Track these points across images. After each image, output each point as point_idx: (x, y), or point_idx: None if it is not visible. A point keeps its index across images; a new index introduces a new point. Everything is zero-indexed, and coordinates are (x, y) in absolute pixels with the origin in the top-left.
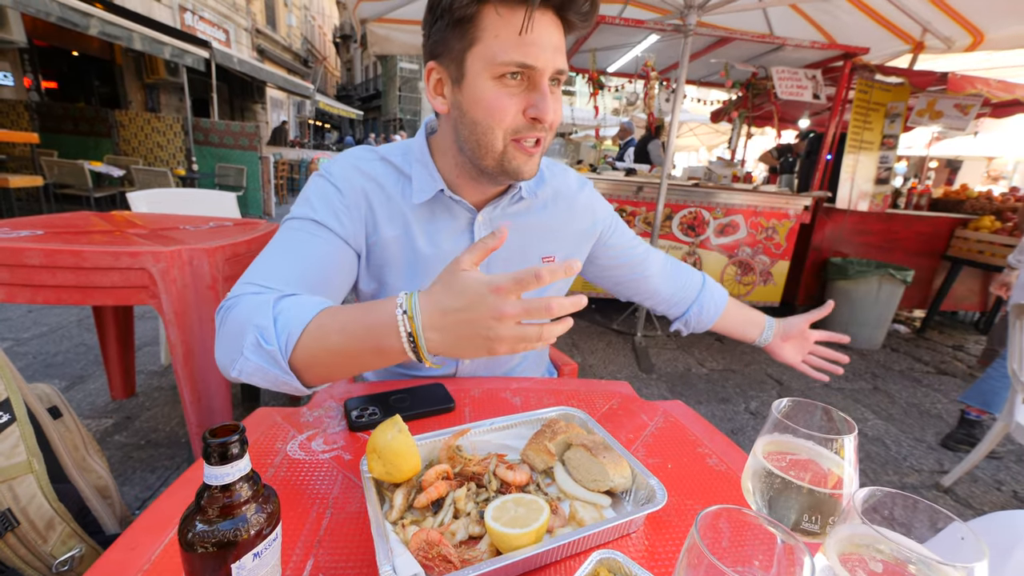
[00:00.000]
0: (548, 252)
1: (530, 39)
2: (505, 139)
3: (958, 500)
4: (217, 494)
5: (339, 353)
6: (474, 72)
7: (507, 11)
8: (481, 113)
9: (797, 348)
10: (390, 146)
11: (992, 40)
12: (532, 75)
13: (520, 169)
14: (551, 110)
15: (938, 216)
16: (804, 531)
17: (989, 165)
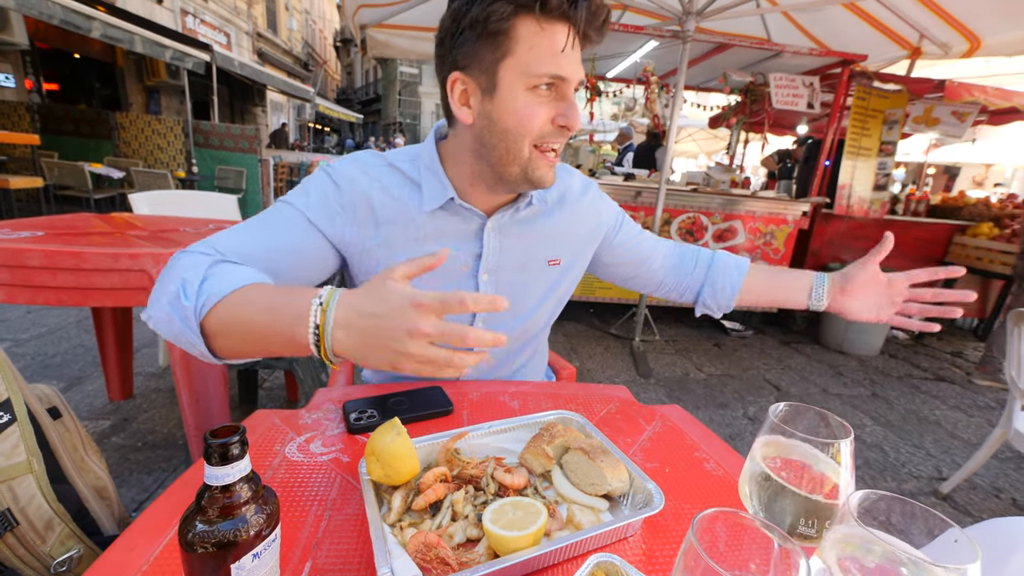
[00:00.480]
0: (553, 255)
1: (563, 51)
2: (530, 147)
3: (956, 507)
4: (217, 494)
5: (250, 329)
6: (507, 83)
7: (548, 24)
8: (513, 122)
9: (877, 301)
10: (397, 152)
11: (989, 46)
12: (562, 85)
13: (543, 178)
14: (581, 119)
15: (936, 222)
16: (800, 535)
17: (986, 173)
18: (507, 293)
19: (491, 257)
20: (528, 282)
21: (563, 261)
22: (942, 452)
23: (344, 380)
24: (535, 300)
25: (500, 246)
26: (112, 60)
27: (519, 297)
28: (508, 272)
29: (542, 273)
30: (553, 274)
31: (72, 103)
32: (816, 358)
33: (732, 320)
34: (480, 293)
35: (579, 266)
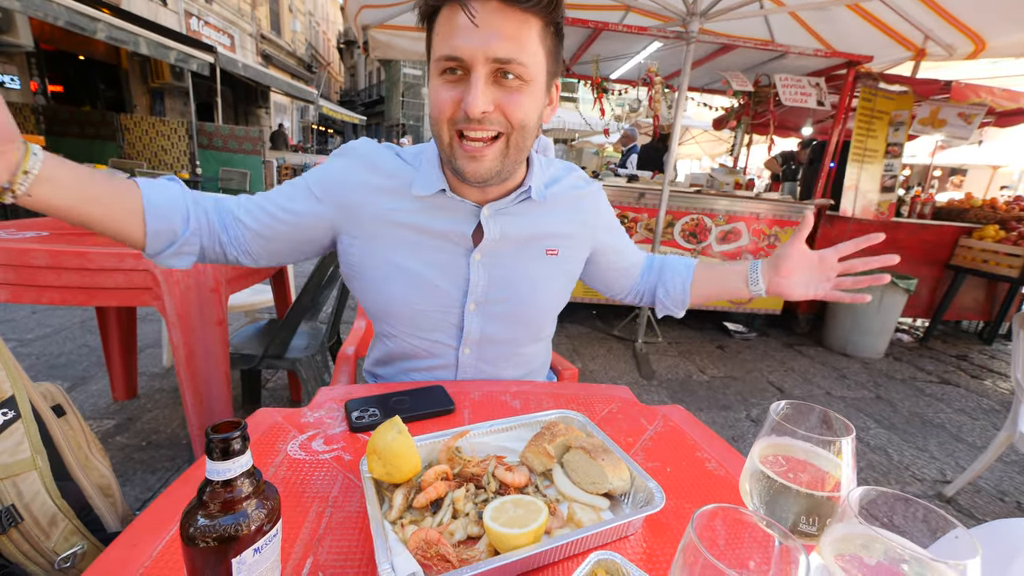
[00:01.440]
0: (552, 246)
1: (458, 31)
2: (450, 132)
3: (961, 510)
4: (219, 489)
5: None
6: (431, 73)
7: (445, 11)
8: (430, 108)
9: (811, 278)
10: (407, 147)
11: (994, 47)
12: (465, 67)
13: (464, 168)
14: (476, 100)
15: (942, 225)
16: (801, 533)
17: (994, 174)
18: (501, 275)
19: (491, 238)
20: (525, 266)
21: (560, 253)
22: (946, 455)
23: (346, 379)
24: (531, 285)
25: (501, 232)
26: (116, 62)
27: (514, 280)
28: (503, 255)
29: (539, 260)
30: (550, 264)
31: (77, 105)
32: (819, 360)
33: (735, 322)
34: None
35: (576, 261)
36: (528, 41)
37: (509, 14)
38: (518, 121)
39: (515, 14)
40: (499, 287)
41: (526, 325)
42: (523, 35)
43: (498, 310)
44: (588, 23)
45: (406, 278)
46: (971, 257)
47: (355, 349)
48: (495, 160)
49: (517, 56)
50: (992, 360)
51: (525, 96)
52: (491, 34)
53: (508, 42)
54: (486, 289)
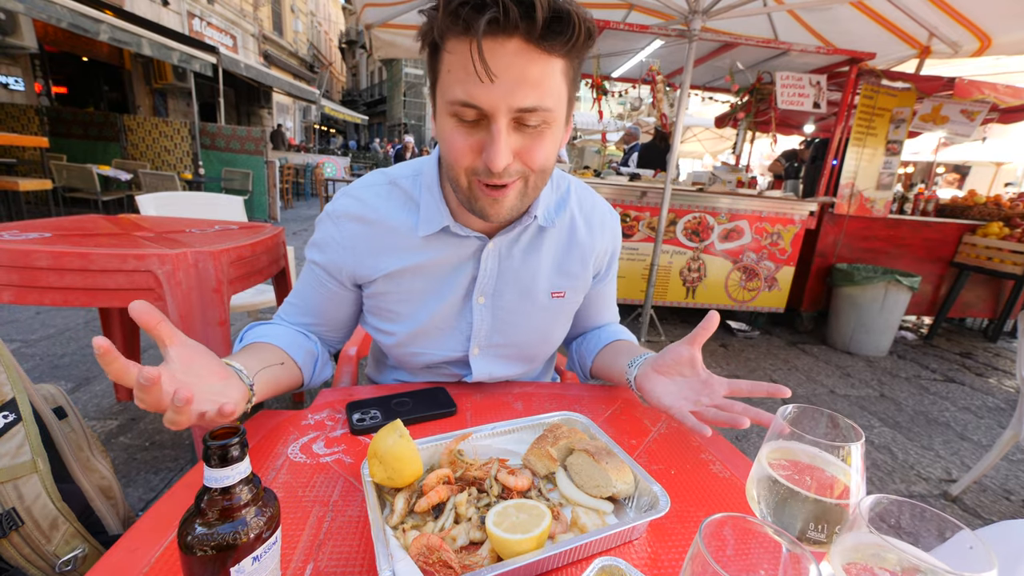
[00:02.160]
0: (558, 287)
1: (475, 75)
2: (468, 177)
3: (966, 509)
4: (217, 497)
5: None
6: (439, 107)
7: (455, 43)
8: (444, 151)
9: (680, 390)
10: (402, 168)
11: (1000, 44)
12: (483, 114)
13: (485, 210)
14: (499, 156)
15: (945, 222)
16: (810, 540)
17: (997, 171)
18: (504, 320)
19: (486, 280)
20: (529, 312)
21: (567, 295)
22: (951, 454)
23: (348, 380)
24: (535, 331)
25: (498, 269)
26: (120, 63)
27: (517, 326)
28: (507, 298)
29: (545, 305)
30: (555, 307)
31: (80, 106)
32: (823, 359)
33: (739, 321)
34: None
35: (578, 301)
36: (552, 83)
37: (535, 56)
38: (539, 166)
39: (541, 56)
40: (503, 332)
41: (532, 362)
42: (549, 78)
43: (503, 352)
44: None
45: (409, 325)
46: (975, 254)
47: (357, 350)
48: (516, 199)
49: (542, 103)
50: (997, 358)
51: (547, 140)
52: (514, 82)
53: (534, 90)
54: (489, 334)
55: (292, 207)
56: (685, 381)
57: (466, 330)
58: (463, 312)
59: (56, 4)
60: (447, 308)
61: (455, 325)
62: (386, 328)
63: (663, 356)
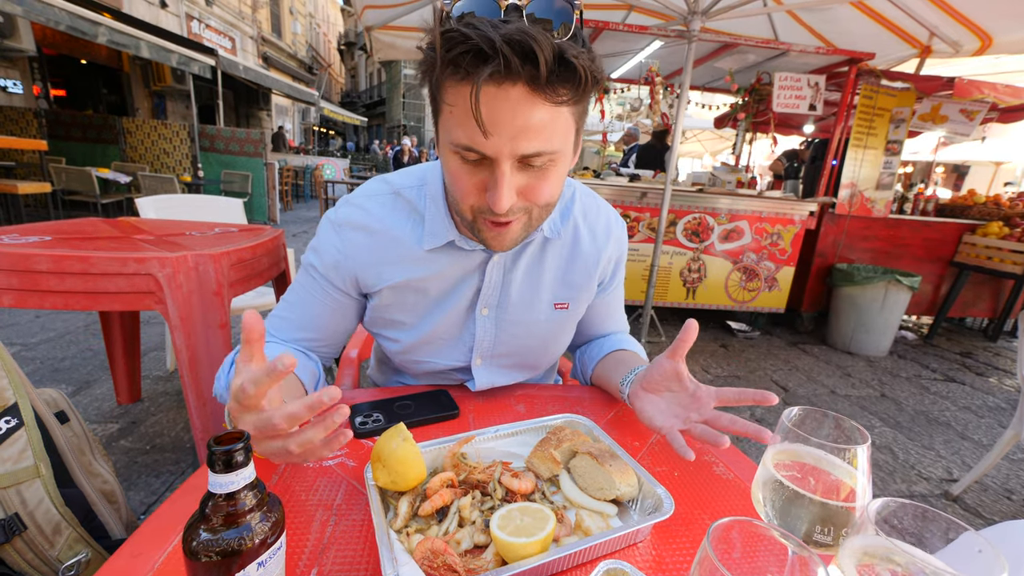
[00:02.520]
0: (562, 298)
1: (480, 119)
2: (473, 213)
3: (967, 509)
4: (221, 502)
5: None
6: (441, 139)
7: (456, 86)
8: (448, 182)
9: (669, 407)
10: (405, 176)
11: (1001, 44)
12: (488, 157)
13: (489, 242)
14: (502, 199)
15: (945, 222)
16: (816, 543)
17: (996, 171)
18: (508, 332)
19: (490, 292)
20: (532, 322)
21: (570, 307)
22: (952, 453)
23: (350, 383)
24: (538, 342)
25: (502, 281)
26: (118, 66)
27: (520, 336)
28: (511, 309)
29: (548, 316)
30: (557, 319)
31: (79, 109)
32: (824, 359)
33: (739, 321)
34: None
35: (581, 311)
36: (559, 126)
37: (538, 103)
38: (543, 202)
39: (544, 103)
40: (506, 343)
41: (534, 370)
42: (553, 123)
43: (506, 362)
44: (589, 23)
45: (413, 335)
46: (975, 254)
47: (358, 352)
48: (520, 232)
49: (547, 148)
50: (997, 357)
51: (552, 176)
52: (518, 129)
53: (536, 136)
54: (492, 345)
55: (292, 209)
56: (674, 396)
57: (469, 341)
58: (466, 323)
59: (54, 6)
60: (450, 319)
61: (458, 336)
62: (389, 336)
63: (649, 372)
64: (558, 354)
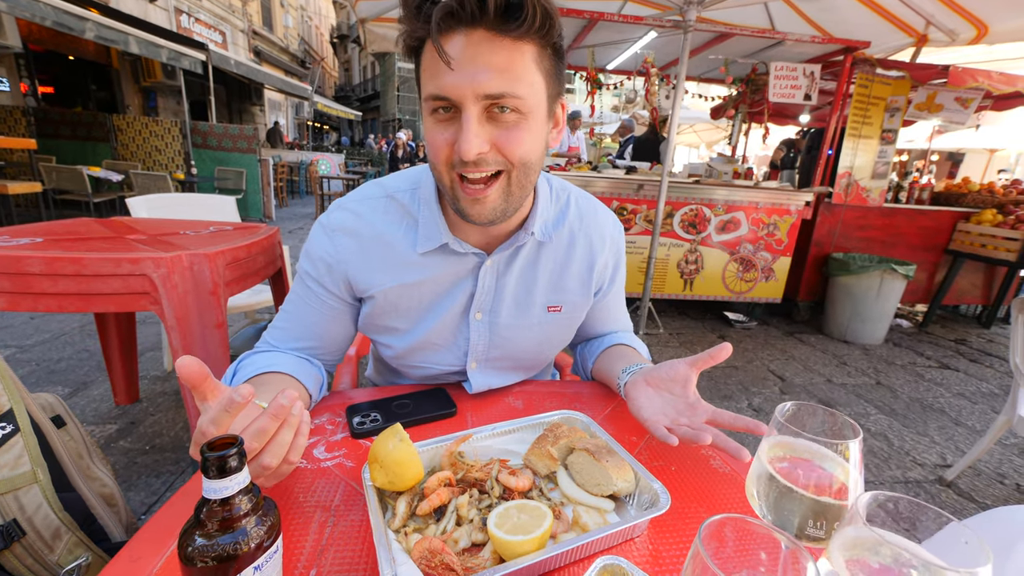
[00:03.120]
0: (555, 301)
1: (443, 67)
2: (450, 175)
3: (961, 494)
4: (216, 508)
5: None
6: (424, 110)
7: (427, 44)
8: (428, 151)
9: (663, 408)
10: (399, 179)
11: (997, 33)
12: (455, 105)
13: (466, 211)
14: (468, 142)
15: (940, 210)
16: (809, 537)
17: (990, 158)
18: (502, 335)
19: (483, 297)
20: (525, 325)
21: (564, 310)
22: (946, 439)
23: (348, 382)
24: (532, 345)
25: (495, 286)
26: (107, 62)
27: (514, 340)
28: (504, 313)
29: (541, 319)
30: (551, 321)
31: (68, 106)
32: (820, 348)
33: (735, 311)
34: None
35: (577, 317)
36: (523, 70)
37: (498, 43)
38: (518, 159)
39: (505, 43)
40: (500, 347)
41: (529, 371)
42: (516, 65)
43: (501, 365)
44: (584, 13)
45: (407, 340)
46: (969, 241)
47: (356, 350)
48: (498, 200)
49: (511, 89)
50: (991, 344)
51: (524, 131)
52: (479, 68)
53: (500, 75)
54: (487, 349)
55: (287, 206)
56: (672, 399)
57: (463, 345)
58: (460, 328)
59: (39, 2)
60: (444, 324)
61: (453, 341)
62: (384, 341)
63: (659, 369)
64: (553, 355)
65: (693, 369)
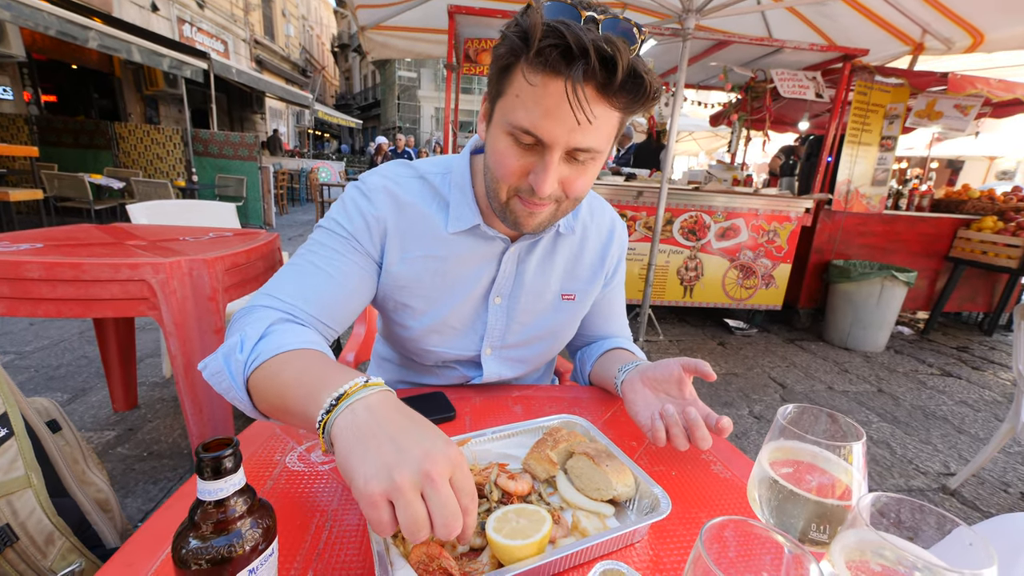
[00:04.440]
0: (569, 290)
1: (547, 110)
2: (509, 193)
3: (964, 502)
4: (211, 509)
5: (280, 395)
6: (496, 120)
7: (538, 77)
8: (491, 160)
9: (656, 405)
10: (429, 163)
11: (992, 41)
12: (543, 143)
13: (519, 221)
14: (547, 184)
15: (940, 217)
16: (812, 541)
17: (990, 166)
18: (517, 320)
19: (504, 281)
20: (541, 311)
21: (576, 298)
22: (949, 447)
23: None
24: (546, 331)
25: (514, 272)
26: (110, 70)
27: (529, 325)
28: (522, 299)
29: (555, 306)
30: (564, 309)
31: (71, 114)
32: (821, 355)
33: (736, 319)
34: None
35: (587, 305)
36: (608, 128)
37: (601, 106)
38: (575, 195)
39: (606, 106)
40: (515, 332)
41: (539, 360)
42: (606, 124)
43: (514, 354)
44: None
45: (425, 321)
46: (970, 248)
47: (355, 355)
48: (548, 218)
49: (597, 145)
50: (993, 351)
51: (589, 173)
52: (580, 124)
53: (592, 134)
54: (503, 334)
55: (287, 213)
56: (669, 400)
57: (480, 330)
58: (479, 312)
59: (43, 11)
60: (464, 307)
61: (470, 325)
62: (400, 320)
63: (654, 368)
64: (561, 346)
65: (686, 373)
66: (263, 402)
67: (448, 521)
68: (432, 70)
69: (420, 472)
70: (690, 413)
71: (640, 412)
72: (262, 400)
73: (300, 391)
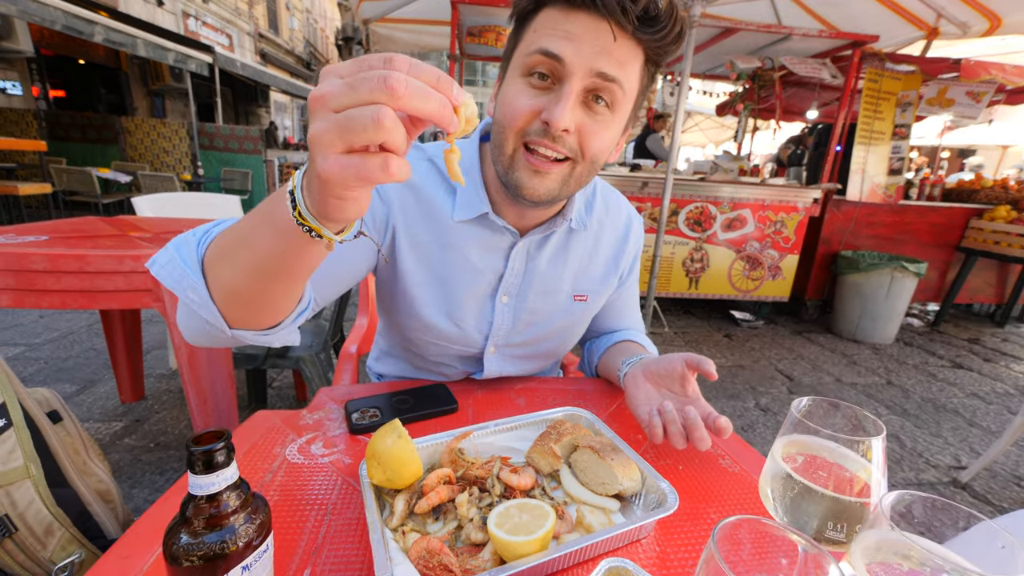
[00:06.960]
0: (581, 290)
1: (568, 34)
2: (516, 141)
3: (976, 496)
4: (203, 504)
5: (241, 239)
6: (511, 71)
7: (551, 11)
8: (501, 112)
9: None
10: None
11: (1009, 24)
12: (559, 74)
13: (521, 182)
14: (565, 117)
15: (952, 207)
16: (828, 540)
17: (1004, 154)
18: (525, 320)
19: (512, 279)
20: (550, 312)
21: (589, 299)
22: (960, 440)
23: (348, 379)
24: (554, 333)
25: (524, 269)
26: (116, 65)
27: (537, 326)
28: (531, 298)
29: (566, 307)
30: (576, 310)
31: (78, 109)
32: (829, 347)
33: (742, 311)
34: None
35: (599, 304)
36: (632, 71)
37: (622, 39)
38: (592, 152)
39: (628, 42)
40: (522, 332)
41: (545, 360)
42: (629, 63)
43: (518, 352)
44: None
45: (429, 314)
46: (982, 239)
47: (358, 347)
48: (555, 183)
49: (620, 77)
50: (1005, 343)
51: (607, 128)
52: (599, 50)
53: (615, 63)
54: (508, 334)
55: None
56: (672, 396)
57: (485, 329)
58: (484, 310)
59: (49, 6)
60: (470, 304)
61: (475, 323)
62: (405, 311)
63: (658, 363)
64: (570, 347)
65: (689, 370)
66: (219, 278)
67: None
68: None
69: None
70: (689, 413)
71: (639, 407)
72: (217, 276)
73: (255, 218)
